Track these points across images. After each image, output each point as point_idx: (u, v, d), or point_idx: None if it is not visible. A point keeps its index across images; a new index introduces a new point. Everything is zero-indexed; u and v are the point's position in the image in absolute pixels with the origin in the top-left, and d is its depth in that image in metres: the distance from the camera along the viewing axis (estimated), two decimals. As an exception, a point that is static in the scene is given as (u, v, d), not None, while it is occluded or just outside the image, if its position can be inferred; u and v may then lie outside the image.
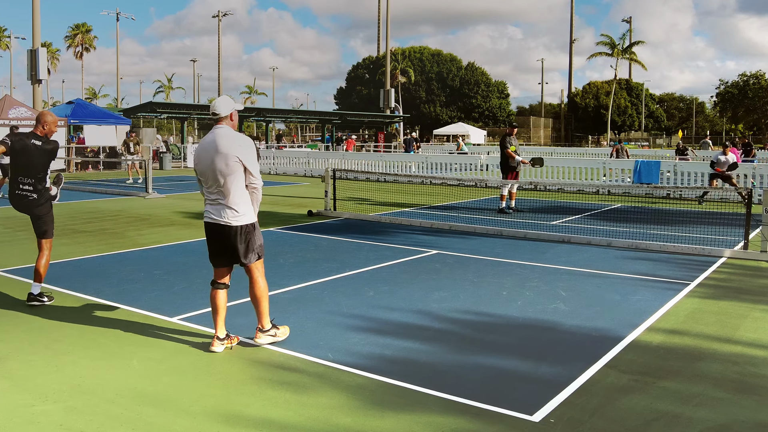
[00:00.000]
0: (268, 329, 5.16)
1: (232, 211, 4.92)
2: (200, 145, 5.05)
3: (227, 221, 4.94)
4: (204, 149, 4.96)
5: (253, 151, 4.93)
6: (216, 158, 4.85)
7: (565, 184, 18.79)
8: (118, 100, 73.55)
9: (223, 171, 4.84)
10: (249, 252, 5.01)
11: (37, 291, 6.35)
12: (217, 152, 4.85)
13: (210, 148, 4.91)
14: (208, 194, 5.04)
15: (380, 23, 74.01)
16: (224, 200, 4.93)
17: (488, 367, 4.75)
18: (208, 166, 4.91)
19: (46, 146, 6.30)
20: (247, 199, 4.97)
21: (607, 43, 65.39)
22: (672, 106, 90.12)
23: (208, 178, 4.95)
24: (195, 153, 5.10)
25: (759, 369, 4.78)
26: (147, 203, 15.64)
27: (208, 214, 5.07)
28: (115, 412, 3.95)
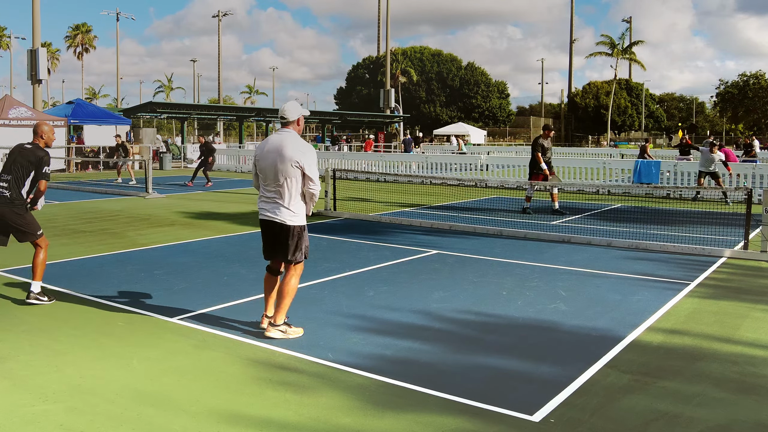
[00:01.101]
0: (279, 324, 5.30)
1: (288, 211, 5.19)
2: (264, 145, 5.30)
3: (282, 220, 5.19)
4: (268, 149, 5.22)
5: (314, 158, 5.19)
6: (278, 160, 5.12)
7: (565, 184, 18.78)
8: (118, 100, 73.53)
9: (283, 173, 5.12)
10: (297, 251, 5.26)
11: (36, 289, 6.35)
12: (280, 155, 5.11)
13: (274, 149, 5.16)
14: (265, 191, 5.28)
15: (380, 23, 74.00)
16: (281, 200, 5.19)
17: (488, 367, 4.75)
18: (269, 166, 5.18)
19: (35, 152, 6.32)
20: (301, 201, 5.24)
21: (606, 43, 65.39)
22: (672, 106, 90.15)
23: (268, 177, 5.22)
24: (257, 150, 5.34)
25: (759, 369, 4.78)
26: (147, 203, 15.64)
27: (264, 211, 5.30)
28: (115, 412, 3.95)
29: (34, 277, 6.37)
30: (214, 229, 11.33)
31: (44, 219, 12.54)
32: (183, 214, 13.35)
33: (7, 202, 6.23)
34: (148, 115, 41.46)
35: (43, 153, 6.35)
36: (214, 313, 6.05)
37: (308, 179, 5.13)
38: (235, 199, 16.70)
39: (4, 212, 6.24)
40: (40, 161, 6.29)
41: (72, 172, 27.42)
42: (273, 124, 48.21)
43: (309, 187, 5.17)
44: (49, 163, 6.37)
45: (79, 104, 31.92)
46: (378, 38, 75.62)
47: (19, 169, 6.29)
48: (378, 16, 74.31)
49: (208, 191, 18.94)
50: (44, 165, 6.31)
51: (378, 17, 74.32)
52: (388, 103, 48.27)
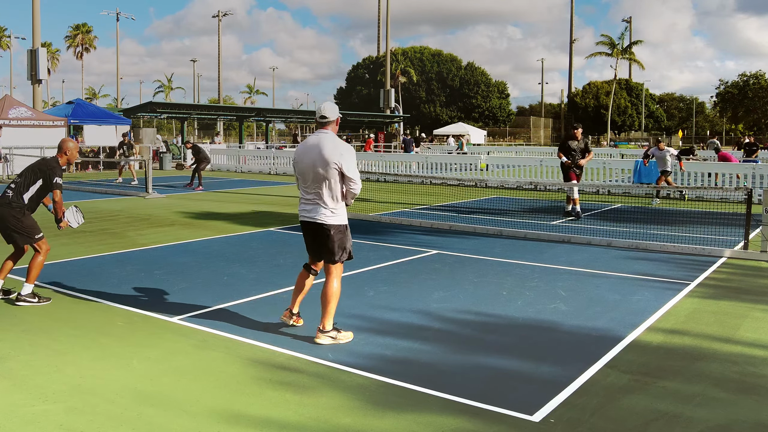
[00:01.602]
0: (328, 330, 5.23)
1: (328, 210, 5.20)
2: (303, 146, 5.31)
3: (322, 220, 5.19)
4: (307, 150, 5.23)
5: (353, 158, 5.18)
6: (317, 161, 5.11)
7: (565, 184, 18.76)
8: (118, 100, 73.55)
9: (322, 174, 5.11)
10: (338, 251, 5.23)
11: (26, 291, 6.34)
12: (319, 156, 5.11)
13: (313, 150, 5.16)
14: (305, 193, 5.28)
15: (380, 23, 74.02)
16: (320, 200, 5.19)
17: (488, 367, 4.75)
18: (308, 167, 5.17)
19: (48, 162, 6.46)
20: (341, 201, 5.24)
21: (606, 43, 65.41)
22: (672, 106, 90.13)
23: (308, 178, 5.21)
24: (296, 152, 5.35)
25: (759, 369, 4.78)
26: (147, 203, 15.64)
27: (304, 212, 5.32)
28: (115, 412, 3.95)
29: (27, 279, 6.38)
30: (214, 229, 11.33)
31: (44, 219, 12.54)
32: (183, 214, 13.35)
33: (5, 204, 6.34)
34: (148, 115, 41.49)
35: (54, 164, 6.45)
36: (214, 313, 6.05)
37: (348, 179, 5.14)
38: (235, 199, 16.70)
39: (2, 213, 6.33)
40: (50, 171, 6.38)
41: (72, 172, 27.41)
42: (273, 123, 48.20)
43: (350, 187, 5.20)
44: (60, 174, 6.41)
45: (79, 104, 31.89)
46: (378, 38, 75.68)
47: (29, 175, 6.45)
48: (378, 16, 74.36)
49: (204, 192, 18.93)
50: (54, 175, 6.37)
51: (378, 17, 74.37)
52: (388, 103, 48.28)
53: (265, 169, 27.82)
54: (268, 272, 7.83)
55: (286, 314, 5.55)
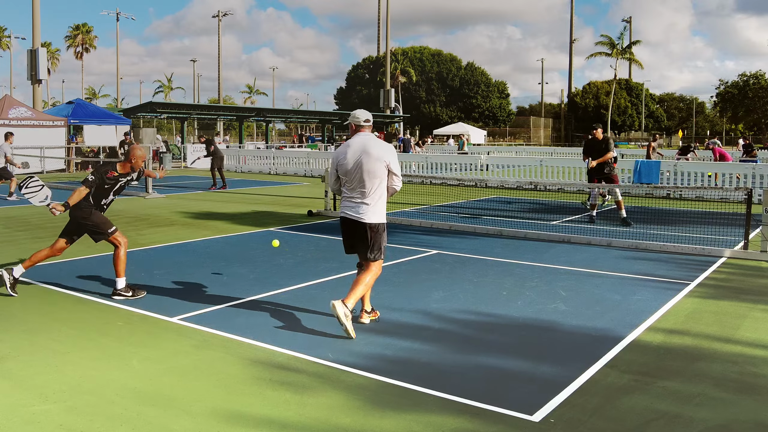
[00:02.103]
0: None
1: (372, 209, 5.45)
2: (347, 148, 5.52)
3: (366, 219, 5.44)
4: (352, 151, 5.46)
5: (396, 156, 5.52)
6: (365, 160, 5.38)
7: (565, 184, 18.79)
8: (118, 100, 73.57)
9: (370, 173, 5.38)
10: (376, 249, 5.49)
11: (120, 285, 6.60)
12: (367, 155, 5.39)
13: (360, 150, 5.42)
14: (349, 191, 5.52)
15: (380, 23, 74.04)
16: (364, 199, 5.45)
17: (488, 367, 4.75)
18: (355, 168, 5.42)
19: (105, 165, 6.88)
20: (384, 200, 5.52)
21: (606, 43, 65.41)
22: (672, 106, 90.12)
23: (353, 178, 5.45)
24: (338, 153, 5.57)
25: (759, 369, 4.78)
26: (147, 203, 15.64)
27: (346, 210, 5.56)
28: (115, 412, 3.95)
29: (117, 275, 6.62)
30: (214, 229, 11.33)
31: (45, 219, 12.54)
32: (183, 214, 13.35)
33: (76, 207, 6.78)
34: (148, 115, 41.49)
35: (106, 167, 6.79)
36: (214, 313, 6.05)
37: (393, 174, 5.48)
38: (235, 199, 16.70)
39: (74, 215, 6.82)
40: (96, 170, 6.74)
41: (72, 172, 27.41)
42: (273, 123, 48.19)
43: (394, 183, 5.53)
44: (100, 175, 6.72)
45: (79, 104, 31.90)
46: (378, 38, 75.69)
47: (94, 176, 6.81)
48: (378, 16, 74.39)
49: (204, 192, 18.93)
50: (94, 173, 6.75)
51: (378, 17, 74.39)
52: (388, 103, 48.31)
53: (265, 169, 27.82)
54: (268, 272, 7.83)
55: (363, 314, 5.76)
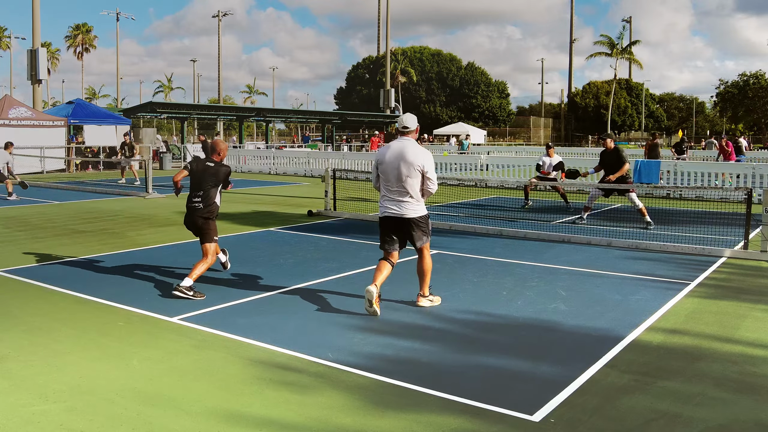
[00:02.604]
0: (427, 295, 6.31)
1: (411, 206, 6.01)
2: (387, 150, 6.07)
3: (409, 215, 6.00)
4: (392, 154, 6.00)
5: (433, 162, 6.03)
6: (402, 164, 5.93)
7: (565, 184, 18.76)
8: (118, 100, 73.56)
9: (407, 175, 5.93)
10: (422, 236, 6.12)
11: (187, 284, 6.67)
12: (404, 160, 5.92)
13: (398, 154, 5.97)
14: (388, 191, 6.06)
15: (380, 23, 74.05)
16: (404, 197, 5.99)
17: (488, 367, 4.75)
18: (392, 169, 5.98)
19: (220, 169, 7.16)
20: (421, 197, 6.05)
21: (605, 42, 65.40)
22: (672, 106, 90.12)
23: (391, 178, 6.01)
24: (379, 154, 6.09)
25: (759, 369, 4.78)
26: (147, 203, 15.64)
27: (387, 209, 6.08)
28: (115, 412, 3.95)
29: (190, 275, 6.77)
30: (214, 229, 11.32)
31: (44, 219, 12.56)
32: (183, 214, 13.33)
33: (197, 211, 7.13)
34: (148, 115, 41.49)
35: (227, 168, 7.24)
36: (214, 313, 6.05)
37: (428, 179, 5.97)
38: (235, 199, 16.70)
39: (196, 220, 7.15)
40: (226, 176, 7.21)
41: (72, 172, 27.41)
42: (273, 123, 48.19)
43: (428, 187, 6.03)
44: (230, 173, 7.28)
45: (79, 104, 31.90)
46: (378, 38, 75.71)
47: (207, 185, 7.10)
48: (378, 16, 74.41)
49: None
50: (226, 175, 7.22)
51: (378, 17, 74.42)
52: (388, 103, 48.30)
53: (265, 169, 27.82)
54: (268, 272, 7.83)
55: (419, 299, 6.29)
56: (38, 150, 25.43)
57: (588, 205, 12.40)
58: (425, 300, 6.31)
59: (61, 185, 20.53)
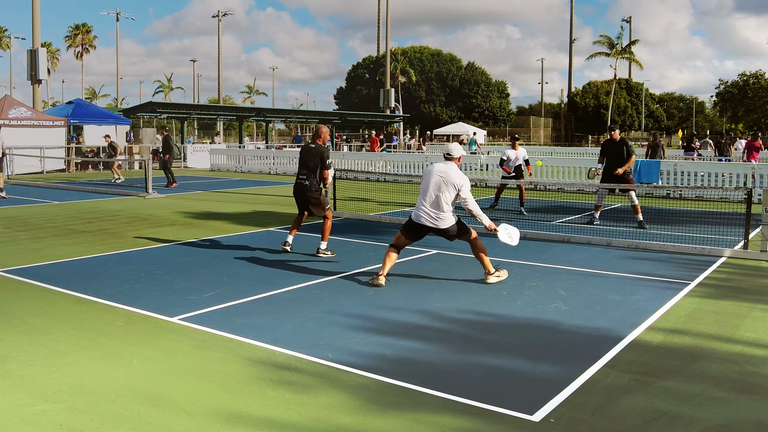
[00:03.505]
0: (493, 272, 7.26)
1: (441, 218, 7.04)
2: (433, 169, 7.15)
3: (441, 226, 7.07)
4: (435, 173, 7.08)
5: (469, 185, 7.07)
6: (442, 184, 7.01)
7: (565, 184, 18.79)
8: (118, 100, 73.55)
9: (443, 193, 6.99)
10: (461, 235, 7.17)
11: (323, 246, 8.70)
12: (445, 179, 7.01)
13: (440, 174, 7.05)
14: (424, 202, 7.08)
15: (380, 23, 74.04)
16: (436, 211, 7.04)
17: (488, 367, 4.75)
18: (432, 184, 7.05)
19: (318, 149, 8.62)
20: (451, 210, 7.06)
21: (605, 42, 65.39)
22: (672, 106, 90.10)
23: (429, 192, 7.06)
24: (427, 171, 7.18)
25: (759, 369, 4.78)
26: (147, 203, 15.64)
27: (420, 217, 7.10)
28: (115, 412, 3.95)
29: (323, 238, 8.70)
30: (214, 229, 11.33)
31: (44, 219, 12.55)
32: (183, 214, 13.35)
33: (305, 188, 8.68)
34: (148, 115, 41.48)
35: (324, 149, 8.63)
36: (214, 313, 6.05)
37: (463, 199, 7.04)
38: (235, 199, 16.71)
39: (305, 195, 8.70)
40: (322, 155, 8.59)
41: (72, 172, 27.41)
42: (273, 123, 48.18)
43: (467, 204, 7.07)
44: (329, 156, 8.72)
45: (79, 104, 31.92)
46: (378, 38, 75.70)
47: (310, 163, 8.65)
48: (378, 16, 74.39)
49: (204, 192, 18.92)
50: (327, 158, 8.66)
51: (378, 17, 74.40)
52: (388, 102, 48.31)
53: (265, 169, 27.82)
54: (268, 272, 7.83)
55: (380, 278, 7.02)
56: (38, 150, 25.44)
57: (598, 203, 12.41)
58: (492, 277, 7.24)
59: (61, 185, 20.54)
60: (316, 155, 8.59)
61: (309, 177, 8.65)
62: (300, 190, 8.74)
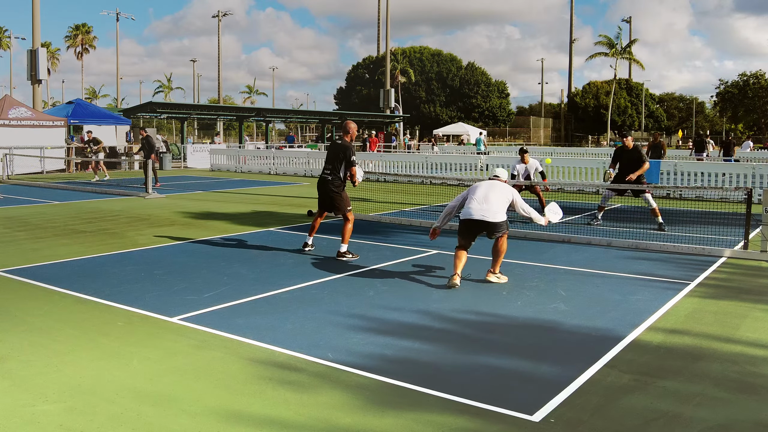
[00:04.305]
0: (496, 272, 7.39)
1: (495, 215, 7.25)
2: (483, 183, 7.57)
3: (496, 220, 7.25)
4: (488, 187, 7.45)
5: (519, 196, 7.56)
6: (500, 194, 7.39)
7: (565, 184, 18.77)
8: (118, 100, 73.56)
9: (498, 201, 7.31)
10: (503, 229, 7.33)
11: (343, 249, 8.57)
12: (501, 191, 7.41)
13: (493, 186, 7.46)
14: (478, 203, 7.33)
15: (380, 23, 74.05)
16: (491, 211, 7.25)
17: (488, 367, 4.75)
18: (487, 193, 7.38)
19: (344, 146, 8.67)
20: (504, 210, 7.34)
21: (605, 42, 65.39)
22: (672, 106, 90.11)
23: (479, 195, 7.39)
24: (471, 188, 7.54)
25: (759, 369, 4.78)
26: (147, 203, 15.64)
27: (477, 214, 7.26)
28: (115, 412, 3.95)
29: (343, 241, 8.56)
30: (214, 229, 11.33)
31: (44, 219, 12.55)
32: (183, 214, 13.35)
33: (328, 182, 8.66)
34: (148, 115, 41.48)
35: (349, 145, 8.67)
36: (214, 313, 6.05)
37: (517, 204, 7.49)
38: (235, 199, 16.71)
39: (327, 190, 8.69)
40: (346, 151, 8.59)
41: (72, 172, 27.41)
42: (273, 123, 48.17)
43: (522, 211, 7.55)
44: (355, 153, 8.70)
45: (78, 104, 31.93)
46: (378, 38, 75.72)
47: (335, 159, 8.65)
48: (378, 16, 74.42)
49: (204, 192, 18.92)
50: (352, 155, 8.62)
51: (378, 17, 74.42)
52: (388, 103, 48.31)
53: (265, 169, 27.82)
54: (268, 272, 7.83)
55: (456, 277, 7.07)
56: (38, 150, 25.44)
57: (602, 205, 12.45)
58: (493, 276, 7.35)
59: (61, 185, 20.54)
60: (340, 151, 8.63)
61: (333, 173, 8.66)
62: (323, 184, 8.76)
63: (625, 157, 11.97)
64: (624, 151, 12.02)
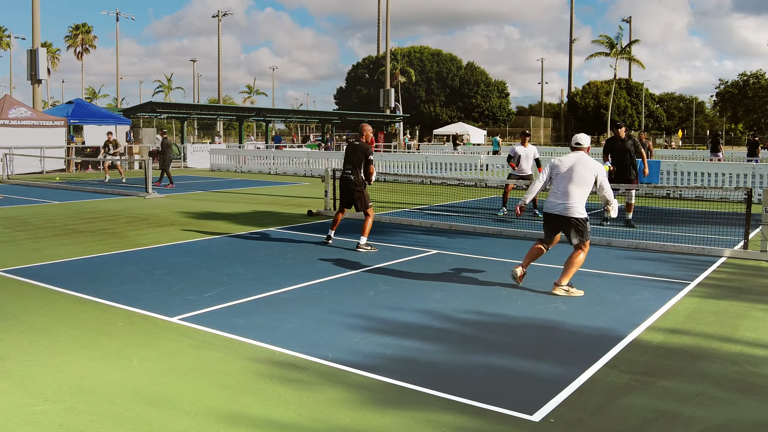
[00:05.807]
0: (563, 285, 6.82)
1: (574, 208, 6.76)
2: (564, 159, 6.94)
3: (574, 215, 6.76)
4: (568, 162, 6.87)
5: (604, 171, 6.93)
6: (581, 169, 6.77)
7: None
8: (118, 100, 73.55)
9: (581, 178, 6.76)
10: (578, 235, 6.81)
11: (363, 241, 9.18)
12: (583, 166, 6.79)
13: (575, 162, 6.84)
14: (557, 192, 6.86)
15: (380, 23, 74.03)
16: (569, 200, 6.76)
17: (489, 367, 4.75)
18: (568, 174, 6.80)
19: (362, 146, 9.29)
20: (584, 202, 6.81)
21: (604, 42, 65.36)
22: (672, 106, 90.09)
23: (563, 182, 6.82)
24: (555, 162, 6.98)
25: (759, 369, 4.78)
26: (147, 203, 15.64)
27: (554, 208, 6.87)
28: (115, 412, 3.95)
29: (363, 234, 9.17)
30: (214, 229, 11.33)
31: (44, 219, 12.55)
32: (183, 214, 13.35)
33: (351, 182, 9.28)
34: (148, 115, 41.52)
35: (367, 146, 9.31)
36: (214, 313, 6.05)
37: (602, 188, 6.90)
38: (235, 199, 16.71)
39: (350, 188, 9.32)
40: (364, 151, 9.23)
41: (72, 172, 27.40)
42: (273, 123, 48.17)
43: (605, 191, 6.94)
44: (373, 153, 9.34)
45: (78, 104, 31.92)
46: (378, 38, 75.70)
47: (355, 159, 9.26)
48: (378, 16, 74.36)
49: (204, 192, 18.92)
50: (370, 154, 9.27)
51: (378, 17, 74.37)
52: (388, 103, 48.31)
53: (265, 169, 27.82)
54: (268, 272, 7.83)
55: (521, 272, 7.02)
56: (38, 150, 25.44)
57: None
58: (560, 289, 6.83)
59: (61, 185, 20.54)
60: (360, 151, 9.23)
61: (354, 172, 9.27)
62: (345, 183, 9.36)
63: (617, 147, 11.79)
64: (616, 141, 11.86)
